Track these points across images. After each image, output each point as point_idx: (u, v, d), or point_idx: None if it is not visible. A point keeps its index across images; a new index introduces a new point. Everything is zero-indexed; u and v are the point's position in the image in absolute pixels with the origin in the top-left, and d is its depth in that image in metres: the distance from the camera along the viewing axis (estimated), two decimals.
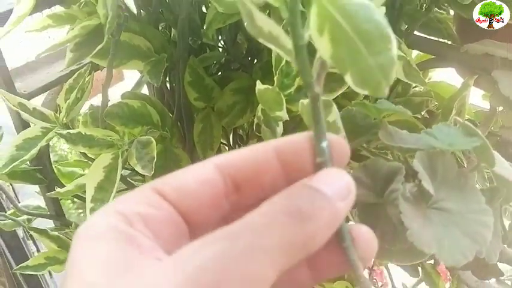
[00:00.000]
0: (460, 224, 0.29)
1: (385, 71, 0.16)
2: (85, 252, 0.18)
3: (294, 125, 0.43)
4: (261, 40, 0.19)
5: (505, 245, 0.45)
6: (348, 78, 0.17)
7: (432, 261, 0.74)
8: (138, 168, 0.39)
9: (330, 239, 0.19)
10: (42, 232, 0.50)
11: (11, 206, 0.74)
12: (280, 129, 0.41)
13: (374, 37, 0.16)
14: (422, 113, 0.67)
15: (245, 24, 0.18)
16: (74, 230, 0.57)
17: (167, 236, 0.19)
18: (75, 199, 0.74)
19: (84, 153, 0.49)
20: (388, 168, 0.30)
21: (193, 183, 0.20)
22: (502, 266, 0.58)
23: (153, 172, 0.38)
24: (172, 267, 0.17)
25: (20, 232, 0.84)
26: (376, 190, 0.31)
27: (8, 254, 0.76)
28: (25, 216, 0.67)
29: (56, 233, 0.50)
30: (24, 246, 0.84)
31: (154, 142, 0.40)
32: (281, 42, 0.18)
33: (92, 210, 0.38)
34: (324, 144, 0.20)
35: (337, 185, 0.19)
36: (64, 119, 0.45)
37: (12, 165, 0.41)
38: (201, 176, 0.20)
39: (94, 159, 0.49)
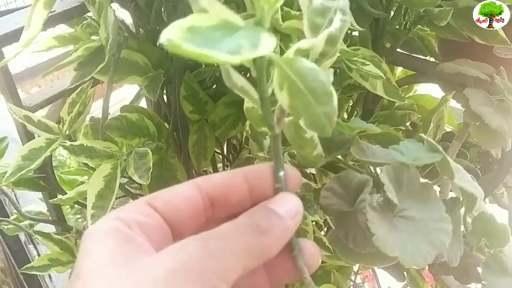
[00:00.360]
0: (422, 231, 0.32)
1: (329, 117, 0.22)
2: (94, 246, 0.23)
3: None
4: (235, 91, 0.24)
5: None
6: (302, 122, 0.22)
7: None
8: (136, 178, 0.42)
9: (283, 249, 0.25)
10: (46, 236, 0.53)
11: (14, 211, 0.77)
12: (267, 142, 0.44)
13: (320, 93, 0.21)
14: (407, 124, 0.70)
15: (223, 77, 0.24)
16: (75, 234, 0.61)
17: (157, 239, 0.24)
18: (75, 205, 0.77)
19: (85, 162, 0.53)
20: (358, 180, 0.34)
21: (179, 199, 0.25)
22: None
23: (149, 181, 0.41)
24: (164, 258, 0.22)
25: (22, 237, 0.87)
26: (348, 200, 0.34)
27: (11, 258, 0.79)
28: (27, 222, 0.70)
29: (59, 237, 0.54)
30: (26, 250, 0.87)
31: (150, 153, 0.44)
32: (250, 94, 0.24)
33: (93, 216, 0.41)
34: (281, 173, 0.26)
35: (288, 207, 0.25)
36: (67, 131, 0.49)
37: (19, 174, 0.45)
38: (185, 193, 0.26)
39: (94, 168, 0.53)
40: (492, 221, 0.37)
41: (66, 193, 0.58)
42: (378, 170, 0.38)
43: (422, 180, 0.34)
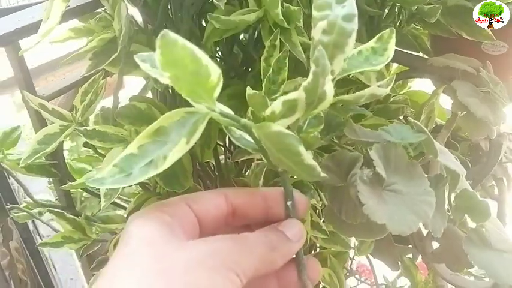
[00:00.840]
0: (408, 203, 0.35)
1: (305, 171, 0.28)
2: (138, 229, 0.29)
3: None
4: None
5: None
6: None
7: (411, 255, 0.81)
8: None
9: (291, 263, 0.33)
10: (59, 214, 0.56)
11: (24, 200, 0.80)
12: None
13: (287, 154, 0.28)
14: (401, 118, 0.74)
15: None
16: (84, 220, 0.64)
17: (189, 233, 0.30)
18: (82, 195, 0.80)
19: (95, 148, 0.56)
20: (350, 157, 0.37)
21: (210, 203, 0.32)
22: None
23: None
24: (199, 244, 0.28)
25: (31, 226, 0.91)
26: (341, 176, 0.37)
27: (22, 242, 0.82)
28: (37, 210, 0.73)
29: (71, 215, 0.57)
30: (34, 238, 0.90)
31: None
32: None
33: (106, 195, 0.45)
34: (289, 203, 0.33)
35: (294, 232, 0.32)
36: (80, 118, 0.52)
37: (34, 157, 0.48)
38: (215, 199, 0.32)
39: (103, 155, 0.56)
40: (474, 198, 0.40)
41: (75, 180, 0.61)
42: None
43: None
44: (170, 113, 0.29)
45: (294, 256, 0.34)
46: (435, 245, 0.64)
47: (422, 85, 0.79)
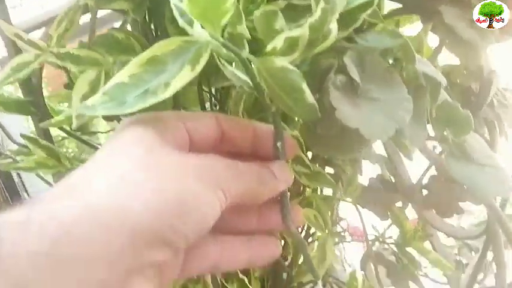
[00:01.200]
0: (384, 109, 0.34)
1: (305, 109, 0.29)
2: (132, 127, 0.28)
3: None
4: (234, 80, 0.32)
5: None
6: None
7: (400, 204, 0.80)
8: None
9: (274, 205, 0.34)
10: (33, 141, 0.55)
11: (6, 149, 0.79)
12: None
13: (289, 90, 0.28)
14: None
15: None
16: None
17: (180, 145, 0.30)
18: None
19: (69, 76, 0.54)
20: (324, 65, 0.36)
21: (201, 123, 0.32)
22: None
23: None
24: (191, 155, 0.29)
25: (16, 178, 0.90)
26: (316, 86, 0.36)
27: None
28: (19, 157, 0.72)
29: (46, 143, 0.56)
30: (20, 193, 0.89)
31: None
32: (247, 81, 0.31)
33: (78, 117, 0.43)
34: (279, 144, 0.33)
35: (283, 174, 0.33)
36: (55, 47, 0.50)
37: (8, 81, 0.46)
38: (207, 120, 0.32)
39: None
40: (455, 108, 0.38)
41: None
42: None
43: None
44: (163, 41, 0.28)
45: (279, 198, 0.34)
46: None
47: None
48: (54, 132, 0.74)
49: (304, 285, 0.74)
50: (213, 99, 0.75)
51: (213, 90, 0.72)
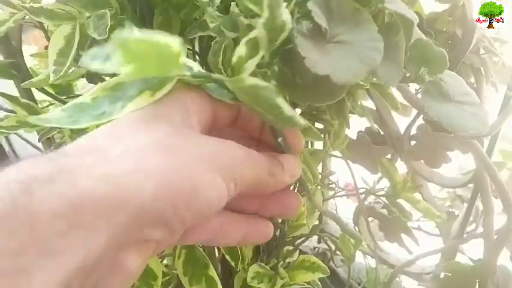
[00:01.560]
0: (354, 51, 0.33)
1: (286, 122, 0.29)
2: (157, 107, 0.28)
3: None
4: None
5: None
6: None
7: (389, 156, 0.80)
8: (95, 36, 0.44)
9: (277, 195, 0.35)
10: (13, 99, 0.55)
11: None
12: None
13: (266, 106, 0.28)
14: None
15: None
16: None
17: (203, 123, 0.30)
18: None
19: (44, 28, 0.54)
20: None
21: (226, 103, 0.32)
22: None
23: (106, 35, 0.43)
24: (210, 138, 0.29)
25: (6, 146, 0.90)
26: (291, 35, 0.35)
27: None
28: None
29: (26, 101, 0.56)
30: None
31: (108, 13, 0.45)
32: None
33: (55, 71, 0.43)
34: (280, 139, 0.33)
35: (291, 168, 0.33)
36: (30, 3, 0.50)
37: None
38: (229, 108, 0.33)
39: None
40: (429, 46, 0.38)
41: None
42: None
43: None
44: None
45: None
46: None
47: None
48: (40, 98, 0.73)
49: (297, 239, 0.75)
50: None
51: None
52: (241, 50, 0.28)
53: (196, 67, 0.30)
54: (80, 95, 0.29)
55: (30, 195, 0.21)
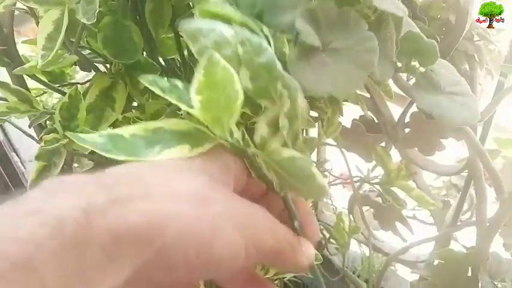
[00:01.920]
0: (351, 57, 0.32)
1: (316, 191, 0.29)
2: (201, 159, 0.29)
3: None
4: None
5: None
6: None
7: (383, 144, 0.80)
8: (84, 20, 0.43)
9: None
10: (3, 85, 0.55)
11: None
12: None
13: (301, 177, 0.28)
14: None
15: None
16: None
17: (235, 186, 0.30)
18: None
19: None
20: None
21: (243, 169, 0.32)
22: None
23: (95, 20, 0.42)
24: (239, 198, 0.29)
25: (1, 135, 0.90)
26: None
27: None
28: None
29: (17, 87, 0.55)
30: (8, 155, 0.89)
31: None
32: None
33: (43, 56, 0.43)
34: (296, 224, 0.32)
35: (308, 251, 0.32)
36: None
37: None
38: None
39: None
40: (420, 38, 0.38)
41: None
42: None
43: None
44: (176, 120, 0.29)
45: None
46: None
47: None
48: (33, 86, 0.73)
49: None
50: None
51: None
52: (261, 130, 0.29)
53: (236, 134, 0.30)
54: (77, 83, 0.29)
55: (88, 224, 0.22)
